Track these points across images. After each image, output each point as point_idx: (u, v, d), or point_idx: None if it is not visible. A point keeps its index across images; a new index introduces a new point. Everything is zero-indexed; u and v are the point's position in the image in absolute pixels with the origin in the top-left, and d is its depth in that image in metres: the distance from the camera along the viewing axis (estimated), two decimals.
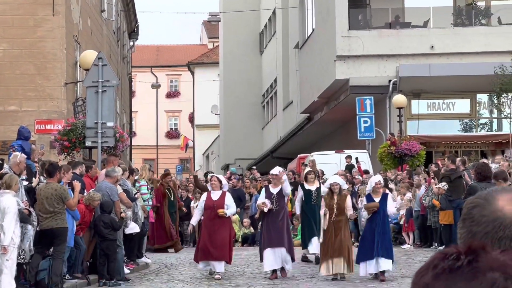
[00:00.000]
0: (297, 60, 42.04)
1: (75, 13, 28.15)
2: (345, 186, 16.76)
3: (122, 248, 16.63)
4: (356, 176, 25.10)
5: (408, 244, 22.82)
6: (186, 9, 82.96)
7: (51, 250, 14.63)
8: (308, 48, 38.69)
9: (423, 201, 22.19)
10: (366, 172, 25.76)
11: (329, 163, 26.48)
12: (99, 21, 33.57)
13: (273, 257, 15.82)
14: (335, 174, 21.65)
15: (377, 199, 15.54)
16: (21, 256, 13.28)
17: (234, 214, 17.21)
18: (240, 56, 55.58)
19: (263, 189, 17.00)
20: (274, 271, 15.93)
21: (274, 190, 16.38)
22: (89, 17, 30.87)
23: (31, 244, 13.55)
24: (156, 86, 64.34)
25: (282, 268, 15.96)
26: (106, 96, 19.77)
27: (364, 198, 16.67)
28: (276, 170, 16.91)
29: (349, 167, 26.90)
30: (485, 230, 1.78)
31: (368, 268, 15.27)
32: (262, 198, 16.46)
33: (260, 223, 17.37)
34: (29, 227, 13.47)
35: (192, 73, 68.30)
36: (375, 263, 15.15)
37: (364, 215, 15.98)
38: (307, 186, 18.11)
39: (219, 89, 60.43)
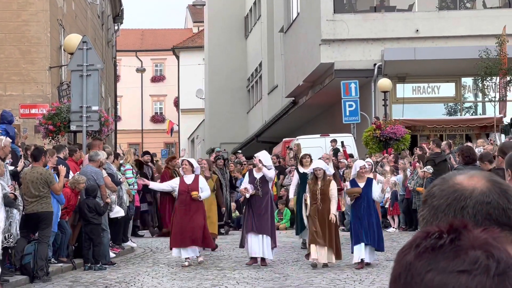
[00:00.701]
0: (282, 44, 42.01)
1: None
2: (331, 171, 16.29)
3: (108, 232, 16.63)
4: (341, 160, 25.14)
5: (393, 227, 22.91)
6: None
7: (36, 234, 14.62)
8: (293, 32, 38.67)
9: (408, 184, 22.26)
10: (351, 156, 25.81)
11: (315, 147, 26.48)
12: (83, 5, 33.41)
13: (256, 244, 15.48)
14: (319, 158, 21.68)
15: (361, 184, 15.17)
16: (8, 240, 13.24)
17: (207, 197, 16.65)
18: (225, 40, 55.50)
19: (247, 174, 16.66)
20: (254, 257, 15.60)
21: (257, 175, 15.99)
22: (73, 0, 30.73)
23: (17, 228, 13.53)
24: (141, 70, 64.22)
25: (263, 258, 15.56)
26: (91, 80, 19.72)
27: (347, 183, 16.08)
28: (261, 154, 16.53)
29: (335, 151, 26.94)
30: (446, 202, 1.82)
31: (357, 254, 14.91)
32: (245, 183, 16.11)
33: (244, 208, 16.77)
34: (15, 211, 13.44)
35: (177, 57, 68.18)
36: (363, 250, 14.83)
37: (348, 200, 15.57)
38: (302, 170, 17.58)
39: (204, 73, 60.36)
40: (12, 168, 14.88)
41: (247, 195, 15.77)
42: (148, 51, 75.58)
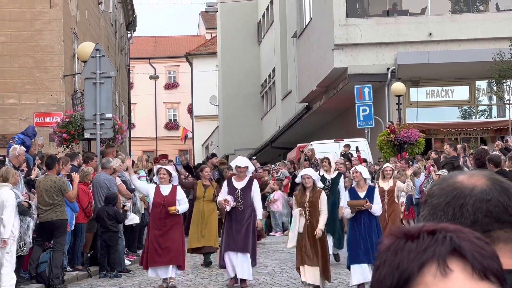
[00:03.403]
0: (295, 49, 41.99)
1: (72, 5, 28.10)
2: (319, 183, 14.12)
3: (123, 239, 16.66)
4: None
5: None
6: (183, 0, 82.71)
7: (51, 242, 14.65)
8: (306, 37, 38.64)
9: (424, 188, 22.18)
10: (365, 161, 25.75)
11: (329, 152, 26.44)
12: (97, 13, 33.51)
13: (235, 263, 13.84)
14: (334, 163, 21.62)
15: (362, 194, 13.33)
16: (22, 249, 13.27)
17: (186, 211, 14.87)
18: (238, 46, 55.54)
19: (225, 183, 14.56)
20: (234, 277, 13.99)
21: (238, 185, 14.15)
22: (86, 9, 30.81)
23: (30, 236, 13.56)
24: (154, 77, 64.29)
25: (242, 279, 13.96)
26: (104, 87, 19.75)
27: (346, 193, 14.09)
28: (244, 161, 14.63)
29: (347, 156, 26.89)
30: (445, 200, 1.83)
31: (357, 275, 13.04)
32: (223, 194, 14.16)
33: (223, 222, 14.70)
34: (29, 219, 13.47)
35: (190, 64, 68.24)
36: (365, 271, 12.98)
37: (347, 212, 13.36)
38: (322, 172, 16.60)
39: (218, 79, 60.39)
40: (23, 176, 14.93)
41: (228, 208, 13.93)
42: (161, 58, 75.70)
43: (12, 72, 26.03)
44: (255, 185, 14.23)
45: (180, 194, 13.94)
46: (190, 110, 70.83)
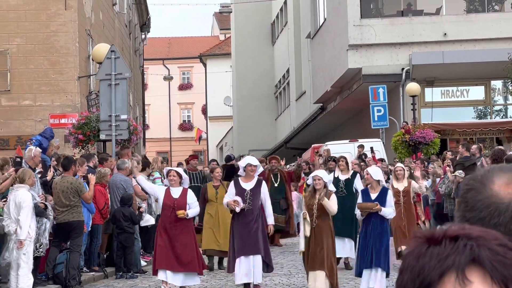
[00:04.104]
0: (309, 50, 41.96)
1: (87, 7, 28.18)
2: (331, 186, 13.13)
3: (139, 240, 16.69)
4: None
5: None
6: (197, 0, 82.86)
7: (68, 243, 14.69)
8: (320, 38, 38.61)
9: (439, 188, 22.11)
10: (382, 160, 25.67)
11: (344, 153, 26.39)
12: (111, 15, 33.59)
13: (246, 268, 13.14)
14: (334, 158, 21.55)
15: (374, 195, 12.76)
16: (38, 250, 13.32)
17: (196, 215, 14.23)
18: (252, 47, 55.54)
19: (231, 184, 13.70)
20: (248, 284, 13.30)
21: (247, 186, 13.42)
22: (101, 10, 30.89)
23: (47, 237, 13.60)
24: (168, 78, 64.38)
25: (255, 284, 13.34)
26: (119, 88, 19.80)
27: (359, 195, 13.54)
28: (256, 160, 14.08)
29: (361, 157, 26.84)
30: (479, 215, 1.79)
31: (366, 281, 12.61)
32: (231, 195, 13.42)
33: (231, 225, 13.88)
34: (45, 220, 13.51)
35: (204, 65, 68.29)
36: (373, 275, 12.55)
37: (358, 214, 12.94)
38: (337, 173, 16.09)
39: (232, 80, 60.41)
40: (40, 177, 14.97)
41: (237, 209, 13.21)
42: (175, 59, 75.75)
43: (27, 74, 26.14)
44: (264, 186, 13.58)
45: (191, 197, 13.40)
46: (204, 111, 70.87)
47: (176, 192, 13.27)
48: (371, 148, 26.55)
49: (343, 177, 16.07)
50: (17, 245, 12.54)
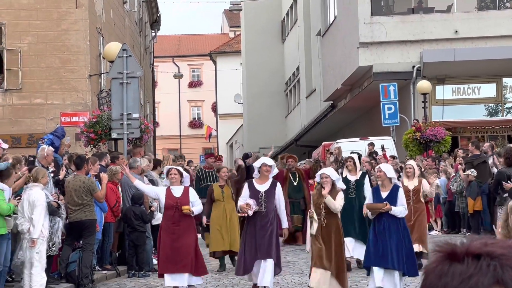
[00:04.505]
0: (319, 47, 41.92)
1: (98, 5, 28.21)
2: (340, 184, 12.77)
3: (151, 239, 16.70)
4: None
5: (436, 230, 22.73)
6: None
7: (81, 242, 14.73)
8: (331, 36, 38.56)
9: (451, 186, 22.09)
10: (394, 157, 25.61)
11: (354, 150, 26.36)
12: (122, 13, 33.61)
13: (256, 269, 12.74)
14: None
15: (384, 194, 12.37)
16: (51, 249, 13.35)
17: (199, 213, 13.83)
18: (262, 45, 55.53)
19: (245, 186, 13.19)
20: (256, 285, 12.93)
21: (261, 188, 12.95)
22: (111, 8, 30.92)
23: (59, 236, 13.63)
24: (178, 76, 64.42)
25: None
26: (131, 87, 19.84)
27: (369, 194, 13.13)
28: (271, 160, 13.64)
29: (371, 154, 26.80)
30: None
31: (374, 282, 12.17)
32: (245, 198, 12.93)
33: (244, 228, 13.35)
34: (58, 219, 13.54)
35: (214, 62, 68.31)
36: (388, 276, 12.12)
37: (369, 214, 12.47)
38: (345, 174, 15.70)
39: (242, 78, 60.41)
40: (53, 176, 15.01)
41: (250, 213, 12.75)
42: (185, 56, 75.80)
43: (39, 72, 26.19)
44: (279, 188, 13.10)
45: (193, 195, 13.10)
46: (214, 108, 70.90)
47: (177, 191, 12.98)
48: (382, 146, 26.51)
49: (352, 177, 15.65)
50: (30, 244, 12.57)
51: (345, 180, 15.16)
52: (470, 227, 21.02)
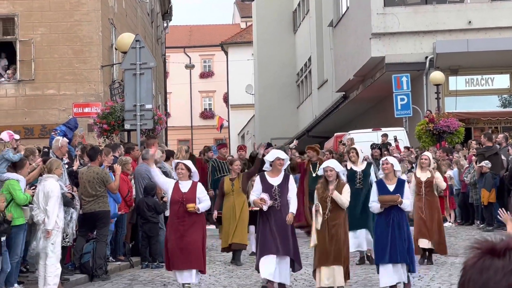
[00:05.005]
0: (331, 38, 41.81)
1: None
2: (344, 176, 12.59)
3: (164, 230, 16.67)
4: (394, 154, 24.91)
5: (450, 222, 22.68)
6: None
7: (94, 233, 14.75)
8: (343, 26, 38.45)
9: (465, 178, 22.02)
10: (408, 148, 25.52)
11: (367, 141, 26.31)
12: (133, 3, 33.60)
13: (273, 266, 12.30)
14: (372, 155, 21.45)
15: (391, 187, 12.24)
16: (65, 240, 13.37)
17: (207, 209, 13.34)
18: (274, 35, 55.43)
19: (257, 180, 12.79)
20: (271, 281, 12.43)
21: (274, 181, 12.60)
22: None
23: (74, 228, 13.65)
24: (190, 66, 64.41)
25: (282, 284, 12.55)
26: (144, 78, 19.81)
27: (374, 186, 12.80)
28: (284, 153, 13.16)
29: (385, 145, 26.73)
30: None
31: (385, 278, 12.06)
32: (257, 192, 12.56)
33: (258, 224, 12.98)
34: (72, 210, 13.55)
35: (226, 53, 68.26)
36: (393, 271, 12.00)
37: (375, 207, 12.25)
38: (350, 165, 15.34)
39: (253, 68, 60.36)
40: (67, 167, 15.01)
41: (265, 208, 12.40)
42: (197, 47, 75.77)
43: (51, 63, 26.21)
44: (292, 181, 12.76)
45: (201, 191, 12.68)
46: (226, 99, 70.89)
47: (185, 186, 12.57)
48: (395, 137, 26.45)
49: (357, 168, 15.35)
50: (45, 235, 12.59)
51: (351, 172, 15.03)
52: (484, 219, 20.95)
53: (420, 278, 13.50)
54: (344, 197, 12.01)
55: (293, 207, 12.55)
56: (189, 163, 13.16)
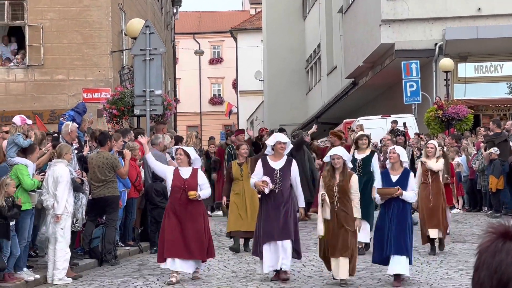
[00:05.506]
0: (341, 25, 41.75)
1: None
2: (350, 164, 12.15)
3: None
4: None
5: (458, 208, 22.69)
6: None
7: (104, 218, 14.81)
8: (352, 13, 38.39)
9: (473, 165, 22.02)
10: (419, 135, 25.51)
11: (376, 128, 26.31)
12: None
13: (275, 255, 12.04)
14: (381, 140, 21.44)
15: (394, 177, 11.94)
16: (75, 225, 13.43)
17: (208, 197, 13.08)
18: (283, 22, 55.36)
19: (259, 163, 12.47)
20: (277, 270, 12.18)
21: (276, 165, 12.27)
22: None
23: (83, 213, 13.71)
24: (199, 52, 64.37)
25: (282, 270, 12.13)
26: (154, 64, 19.83)
27: (378, 177, 12.69)
28: (285, 137, 12.90)
29: (395, 132, 26.71)
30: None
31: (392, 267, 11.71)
32: (259, 175, 12.27)
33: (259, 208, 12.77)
34: (81, 195, 13.61)
35: (235, 39, 68.21)
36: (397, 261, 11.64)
37: (378, 198, 11.90)
38: (352, 152, 14.75)
39: (263, 55, 60.31)
40: (76, 152, 15.07)
41: (266, 191, 12.07)
42: (206, 33, 75.72)
43: (61, 49, 26.24)
44: (295, 165, 12.40)
45: (202, 178, 12.46)
46: (235, 85, 70.89)
47: (185, 173, 12.31)
48: (404, 123, 26.44)
49: (359, 156, 14.82)
50: (54, 219, 12.65)
51: (353, 159, 14.32)
52: (492, 206, 20.96)
53: (428, 264, 13.54)
54: (356, 208, 11.65)
55: (301, 201, 12.32)
56: (190, 149, 12.93)
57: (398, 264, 11.56)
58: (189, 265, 12.29)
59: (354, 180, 11.72)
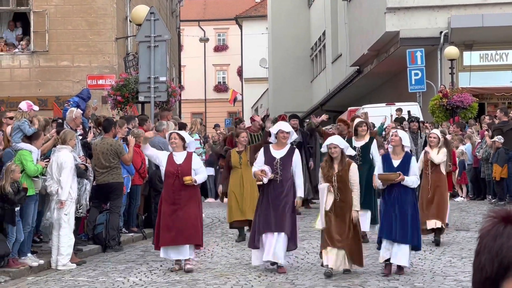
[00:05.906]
0: (346, 12, 41.68)
1: None
2: (349, 151, 11.95)
3: None
4: (406, 129, 24.87)
5: (461, 197, 22.69)
6: None
7: (108, 204, 14.84)
8: (357, 1, 38.32)
9: (477, 153, 22.01)
10: (424, 123, 25.46)
11: (380, 116, 26.28)
12: None
13: (268, 246, 11.80)
14: (385, 127, 21.42)
15: (396, 162, 11.71)
16: (79, 211, 13.46)
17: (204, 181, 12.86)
18: (288, 9, 55.29)
19: (261, 151, 12.32)
20: (274, 263, 11.98)
21: (277, 154, 12.05)
22: None
23: (87, 199, 13.73)
24: (204, 40, 64.31)
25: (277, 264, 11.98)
26: (159, 51, 19.83)
27: (380, 160, 12.51)
28: (288, 126, 12.46)
29: (400, 120, 26.68)
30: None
31: (384, 252, 11.59)
32: (259, 164, 12.05)
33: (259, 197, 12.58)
34: (86, 181, 13.63)
35: (240, 27, 68.11)
36: (397, 248, 11.48)
37: (379, 183, 11.71)
38: (355, 143, 14.44)
39: (268, 42, 60.25)
40: (81, 138, 15.09)
41: (265, 180, 11.85)
42: (211, 20, 75.60)
43: (65, 35, 26.24)
44: (297, 155, 12.10)
45: (196, 162, 12.25)
46: (240, 72, 70.83)
47: (179, 158, 12.09)
48: (408, 112, 26.41)
49: (358, 143, 14.53)
50: (58, 205, 12.68)
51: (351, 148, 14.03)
52: (496, 194, 20.96)
53: (431, 251, 13.55)
54: (356, 198, 11.42)
55: (300, 190, 12.02)
56: (184, 133, 12.82)
57: (399, 254, 11.41)
58: (186, 250, 12.09)
59: (353, 169, 11.48)
